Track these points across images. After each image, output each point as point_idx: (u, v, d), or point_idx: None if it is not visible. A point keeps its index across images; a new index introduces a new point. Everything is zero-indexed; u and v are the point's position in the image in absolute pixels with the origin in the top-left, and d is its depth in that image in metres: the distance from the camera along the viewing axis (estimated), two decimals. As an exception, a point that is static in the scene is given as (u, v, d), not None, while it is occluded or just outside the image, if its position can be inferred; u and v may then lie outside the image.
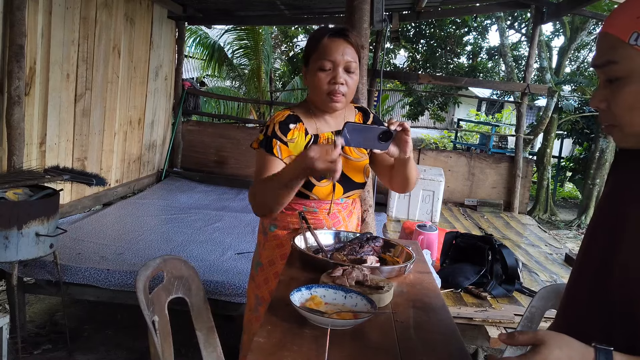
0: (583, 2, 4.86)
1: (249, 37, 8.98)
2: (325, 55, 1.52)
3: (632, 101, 0.82)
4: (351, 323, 1.07)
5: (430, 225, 3.03)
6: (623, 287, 0.83)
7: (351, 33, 1.58)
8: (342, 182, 1.64)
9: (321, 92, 1.55)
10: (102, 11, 4.08)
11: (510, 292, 2.77)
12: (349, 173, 1.65)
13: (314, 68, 1.55)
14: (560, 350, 0.76)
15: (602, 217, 0.93)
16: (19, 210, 2.39)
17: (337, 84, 1.52)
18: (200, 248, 3.38)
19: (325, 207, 1.66)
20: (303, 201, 1.64)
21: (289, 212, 1.66)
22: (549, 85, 7.24)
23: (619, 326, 0.83)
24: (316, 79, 1.54)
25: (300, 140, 1.60)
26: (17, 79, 3.01)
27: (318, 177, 1.50)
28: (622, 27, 0.81)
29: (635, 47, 0.80)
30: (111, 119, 4.47)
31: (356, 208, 1.80)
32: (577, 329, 0.84)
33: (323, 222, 1.67)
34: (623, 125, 0.84)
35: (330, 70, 1.53)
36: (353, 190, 1.70)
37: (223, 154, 5.87)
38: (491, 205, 5.45)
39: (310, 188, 1.60)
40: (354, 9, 2.69)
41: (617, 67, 0.82)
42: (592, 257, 0.91)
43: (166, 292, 1.43)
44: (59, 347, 2.80)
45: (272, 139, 1.58)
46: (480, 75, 10.52)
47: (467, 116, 15.81)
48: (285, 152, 1.58)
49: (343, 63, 1.52)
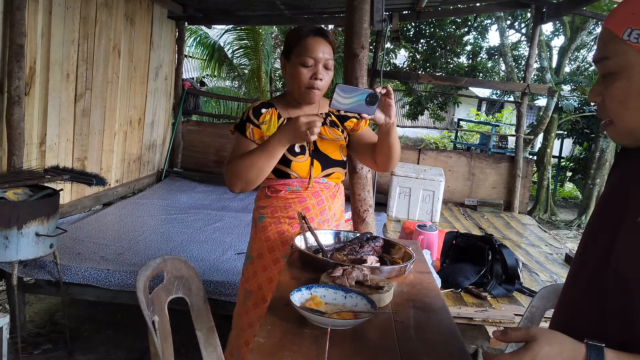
0: (583, 2, 4.86)
1: (249, 37, 8.98)
2: (307, 52, 1.65)
3: (621, 96, 0.83)
4: (351, 323, 1.07)
5: (430, 225, 3.03)
6: (616, 286, 0.83)
7: (329, 33, 1.74)
8: (319, 158, 1.74)
9: (302, 85, 1.67)
10: (102, 11, 4.08)
11: (511, 292, 2.77)
12: (325, 150, 1.76)
13: (295, 62, 1.67)
14: (550, 347, 0.77)
15: (601, 216, 0.93)
16: (19, 210, 2.39)
17: (317, 79, 1.66)
18: (200, 248, 3.38)
19: (306, 185, 1.74)
20: (285, 180, 1.74)
21: (273, 195, 1.76)
22: (549, 85, 7.24)
23: (613, 325, 0.84)
24: (298, 73, 1.66)
25: (273, 123, 1.73)
26: (17, 79, 3.01)
27: (300, 138, 1.57)
28: (618, 23, 0.82)
29: (627, 42, 0.80)
30: (111, 119, 4.47)
31: (339, 192, 1.86)
32: (574, 328, 0.84)
33: (307, 200, 1.74)
34: (615, 120, 0.85)
35: (312, 66, 1.65)
36: (331, 167, 1.77)
37: (223, 154, 5.86)
38: (491, 205, 5.45)
39: (288, 164, 1.70)
40: (354, 9, 2.68)
41: (610, 62, 0.83)
42: (590, 257, 0.92)
43: (166, 292, 1.43)
44: (59, 347, 2.80)
45: (245, 123, 1.73)
46: (480, 75, 10.52)
47: (467, 116, 15.81)
48: (258, 133, 1.71)
49: (323, 61, 1.66)
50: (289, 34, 1.77)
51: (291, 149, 1.70)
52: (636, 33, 0.79)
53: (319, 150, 1.74)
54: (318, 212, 1.75)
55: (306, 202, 1.74)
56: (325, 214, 1.77)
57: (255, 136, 1.71)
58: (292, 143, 1.61)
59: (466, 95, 13.82)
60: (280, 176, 1.73)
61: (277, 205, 1.75)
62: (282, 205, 1.74)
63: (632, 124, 0.84)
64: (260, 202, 1.79)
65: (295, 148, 1.71)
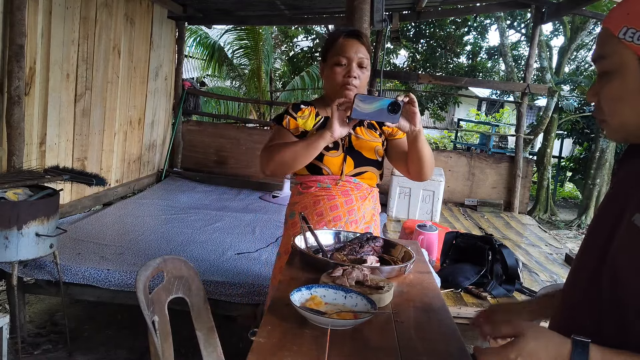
0: (583, 2, 4.86)
1: (249, 37, 8.97)
2: (341, 52, 1.72)
3: (615, 94, 0.83)
4: (351, 323, 1.07)
5: (430, 225, 3.03)
6: (611, 285, 0.84)
7: (364, 35, 1.80)
8: (352, 155, 1.78)
9: (336, 83, 1.74)
10: (102, 11, 4.08)
11: (511, 292, 2.77)
12: (359, 149, 1.79)
13: (330, 63, 1.74)
14: (536, 342, 0.78)
15: (600, 217, 0.94)
16: (19, 210, 2.39)
17: (350, 77, 1.71)
18: (200, 248, 3.38)
19: (338, 182, 1.77)
20: (316, 177, 1.78)
21: (304, 191, 1.81)
22: (549, 85, 7.24)
23: (609, 324, 0.84)
24: (333, 72, 1.74)
25: (311, 118, 1.81)
26: (17, 79, 3.01)
27: (339, 130, 1.60)
28: (615, 21, 0.83)
29: (623, 41, 0.81)
30: (111, 119, 4.47)
31: (372, 196, 1.88)
32: (574, 328, 0.85)
33: (335, 197, 1.77)
34: (609, 117, 0.86)
35: (345, 65, 1.72)
36: (364, 166, 1.79)
37: (223, 154, 5.87)
38: (491, 205, 5.45)
39: (321, 159, 1.74)
40: (354, 9, 2.69)
41: (606, 61, 0.84)
42: (589, 257, 0.92)
43: (166, 292, 1.43)
44: (59, 347, 2.80)
45: (283, 115, 1.82)
46: (479, 75, 10.51)
47: (467, 116, 15.81)
48: (293, 124, 1.79)
49: (356, 60, 1.72)
50: (327, 38, 1.87)
51: None
52: (631, 32, 0.80)
53: (353, 148, 1.78)
54: (346, 211, 1.78)
55: (335, 200, 1.77)
56: (353, 214, 1.79)
57: (291, 125, 1.79)
58: (329, 136, 1.61)
59: (466, 95, 13.82)
60: (313, 172, 1.78)
61: (307, 202, 1.80)
62: (312, 202, 1.79)
63: (625, 122, 0.84)
64: (293, 199, 1.86)
65: (329, 143, 1.73)
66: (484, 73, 10.79)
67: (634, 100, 0.82)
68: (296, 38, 12.23)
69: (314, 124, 1.80)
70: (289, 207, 1.88)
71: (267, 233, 3.82)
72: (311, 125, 1.80)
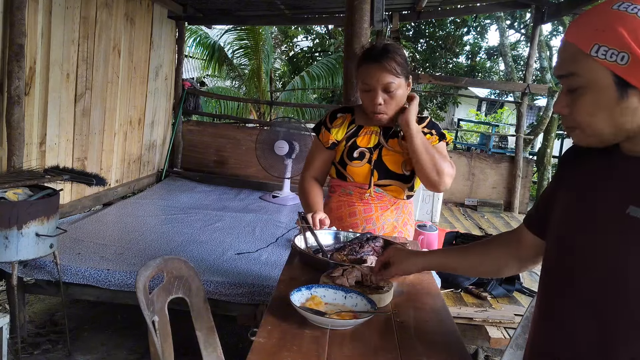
0: (583, 2, 4.85)
1: (249, 37, 8.97)
2: (363, 78, 1.72)
3: (591, 109, 0.84)
4: (351, 323, 1.07)
5: (430, 225, 3.03)
6: (591, 284, 0.86)
7: (386, 57, 1.68)
8: (378, 167, 1.79)
9: (367, 109, 1.77)
10: (102, 11, 4.08)
11: (511, 292, 2.77)
12: (386, 162, 1.79)
13: (359, 86, 1.76)
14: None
15: (580, 216, 0.96)
16: (19, 210, 2.39)
17: (375, 105, 1.71)
18: (200, 248, 3.38)
19: (360, 191, 1.80)
20: (341, 182, 1.85)
21: (332, 194, 1.90)
22: (549, 85, 7.24)
23: (595, 323, 0.85)
24: (361, 95, 1.76)
25: (343, 127, 1.84)
26: (17, 79, 3.01)
27: None
28: (584, 38, 0.82)
29: (595, 58, 0.81)
30: (111, 119, 4.47)
31: (396, 208, 1.84)
32: (569, 327, 0.87)
33: (355, 204, 1.80)
34: (584, 128, 0.87)
35: (371, 92, 1.71)
36: (388, 179, 1.79)
37: (223, 154, 5.86)
38: (491, 205, 5.45)
39: (344, 166, 1.81)
40: (354, 9, 2.69)
41: (578, 79, 0.84)
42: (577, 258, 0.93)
43: (166, 292, 1.43)
44: (59, 347, 2.80)
45: (321, 126, 1.88)
46: (479, 75, 10.52)
47: (467, 116, 15.79)
48: (326, 137, 1.85)
49: (380, 86, 1.69)
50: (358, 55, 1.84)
51: (350, 154, 1.78)
52: (604, 50, 0.80)
53: (381, 161, 1.80)
54: (364, 219, 1.79)
55: (354, 207, 1.81)
56: (371, 223, 1.79)
57: (324, 139, 1.86)
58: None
59: (466, 95, 13.81)
60: (339, 177, 1.85)
61: (331, 205, 1.87)
62: (335, 205, 1.86)
63: (600, 131, 0.85)
64: (325, 200, 1.92)
65: (354, 154, 1.78)
66: (483, 73, 10.79)
67: (611, 113, 0.82)
68: (296, 38, 12.23)
69: (344, 134, 1.83)
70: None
71: (267, 233, 3.82)
72: (341, 135, 1.83)
